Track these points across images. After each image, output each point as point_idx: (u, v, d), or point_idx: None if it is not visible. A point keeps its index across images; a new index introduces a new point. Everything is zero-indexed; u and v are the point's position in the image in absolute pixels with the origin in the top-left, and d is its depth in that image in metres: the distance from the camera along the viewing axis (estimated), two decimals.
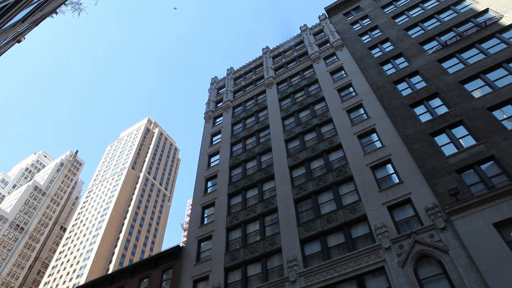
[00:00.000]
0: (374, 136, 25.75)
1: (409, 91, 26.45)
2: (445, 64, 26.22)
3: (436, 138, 22.09)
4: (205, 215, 30.71)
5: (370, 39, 34.80)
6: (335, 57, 36.92)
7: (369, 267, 18.68)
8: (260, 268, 23.16)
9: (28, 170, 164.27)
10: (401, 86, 27.39)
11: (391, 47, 31.60)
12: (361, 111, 28.51)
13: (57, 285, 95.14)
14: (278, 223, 24.90)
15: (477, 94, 22.72)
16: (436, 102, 24.31)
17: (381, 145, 24.30)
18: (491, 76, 23.08)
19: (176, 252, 28.48)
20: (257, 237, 25.37)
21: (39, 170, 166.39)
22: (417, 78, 26.99)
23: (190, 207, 33.34)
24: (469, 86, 23.49)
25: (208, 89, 49.53)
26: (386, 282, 17.79)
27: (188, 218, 46.07)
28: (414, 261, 17.54)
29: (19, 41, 18.87)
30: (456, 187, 18.10)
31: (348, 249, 20.33)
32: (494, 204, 16.98)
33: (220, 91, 47.88)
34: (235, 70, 49.83)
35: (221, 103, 44.70)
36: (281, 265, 22.36)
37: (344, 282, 19.09)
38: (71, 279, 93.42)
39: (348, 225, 21.53)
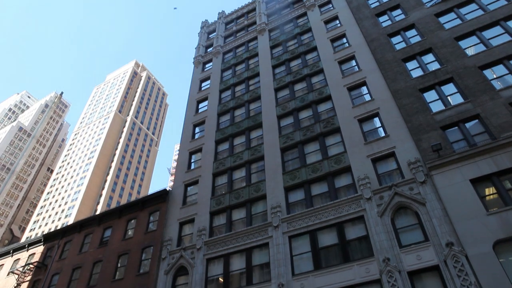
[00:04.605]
0: (364, 89, 25.66)
1: (403, 45, 26.02)
2: (442, 19, 25.60)
3: (425, 94, 22.15)
4: (192, 161, 31.04)
5: None
6: (330, 5, 35.63)
7: (349, 216, 19.51)
8: (245, 213, 23.97)
9: (12, 111, 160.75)
10: (396, 39, 26.87)
11: None
12: (353, 63, 28.14)
13: (46, 224, 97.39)
14: (264, 170, 25.40)
15: (470, 51, 22.50)
16: (429, 57, 24.06)
17: (370, 99, 24.32)
18: (487, 34, 22.74)
19: (163, 195, 29.10)
20: (242, 183, 25.96)
21: (23, 111, 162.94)
22: (412, 32, 26.44)
23: (177, 152, 33.56)
24: (463, 43, 23.18)
25: (198, 33, 47.79)
26: (364, 230, 18.70)
27: (175, 163, 46.53)
28: (393, 212, 18.35)
29: None
30: (439, 143, 18.50)
31: (330, 198, 21.06)
32: (474, 161, 17.51)
33: (210, 36, 46.32)
34: (227, 14, 47.85)
35: (211, 48, 43.46)
36: (265, 210, 23.15)
37: (324, 228, 19.99)
38: (59, 218, 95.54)
39: (332, 175, 22.12)
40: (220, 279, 21.77)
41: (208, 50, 43.75)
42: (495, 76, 20.49)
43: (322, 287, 17.82)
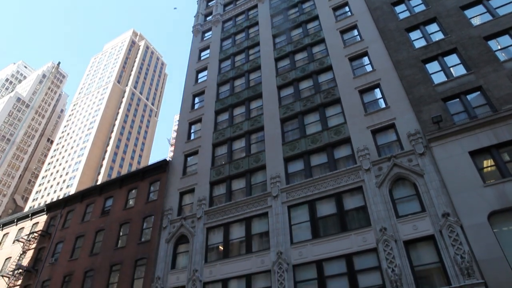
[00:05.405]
0: (366, 60, 25.25)
1: (406, 14, 25.39)
2: None
3: (427, 65, 21.81)
4: (192, 131, 31.04)
5: None
6: None
7: (348, 186, 19.70)
8: (244, 183, 24.20)
9: (9, 81, 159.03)
10: (399, 8, 26.18)
11: None
12: (355, 32, 27.54)
13: (48, 194, 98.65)
14: (264, 141, 25.43)
15: (476, 21, 21.96)
16: (433, 27, 23.53)
17: (371, 69, 23.98)
18: (494, 2, 22.05)
19: (163, 165, 29.29)
20: (242, 154, 26.06)
21: (20, 81, 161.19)
22: (416, 1, 25.69)
23: (177, 123, 33.51)
24: (469, 13, 22.56)
25: (197, 1, 46.56)
26: (362, 200, 18.95)
27: (175, 134, 46.61)
28: (391, 183, 18.52)
29: None
30: (440, 115, 18.42)
31: (329, 169, 21.19)
32: (474, 133, 17.47)
33: (209, 4, 45.09)
34: None
35: (210, 17, 42.42)
36: (264, 181, 23.35)
37: (323, 198, 20.24)
38: (61, 188, 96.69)
39: (332, 146, 22.16)
40: (220, 247, 22.28)
41: (208, 18, 42.74)
42: (499, 47, 20.11)
43: (320, 255, 18.26)
